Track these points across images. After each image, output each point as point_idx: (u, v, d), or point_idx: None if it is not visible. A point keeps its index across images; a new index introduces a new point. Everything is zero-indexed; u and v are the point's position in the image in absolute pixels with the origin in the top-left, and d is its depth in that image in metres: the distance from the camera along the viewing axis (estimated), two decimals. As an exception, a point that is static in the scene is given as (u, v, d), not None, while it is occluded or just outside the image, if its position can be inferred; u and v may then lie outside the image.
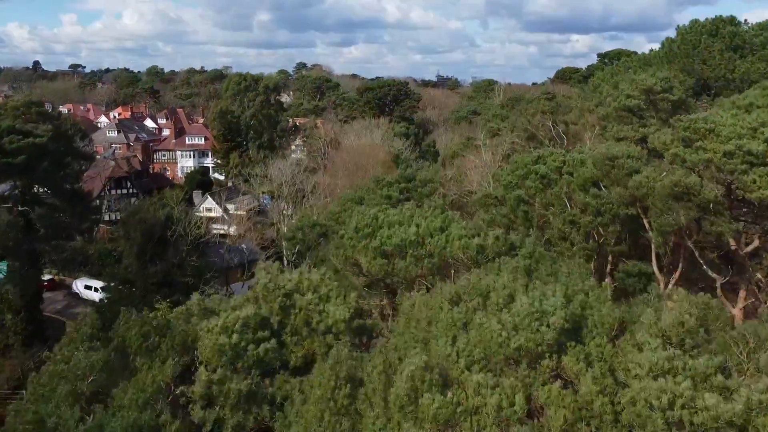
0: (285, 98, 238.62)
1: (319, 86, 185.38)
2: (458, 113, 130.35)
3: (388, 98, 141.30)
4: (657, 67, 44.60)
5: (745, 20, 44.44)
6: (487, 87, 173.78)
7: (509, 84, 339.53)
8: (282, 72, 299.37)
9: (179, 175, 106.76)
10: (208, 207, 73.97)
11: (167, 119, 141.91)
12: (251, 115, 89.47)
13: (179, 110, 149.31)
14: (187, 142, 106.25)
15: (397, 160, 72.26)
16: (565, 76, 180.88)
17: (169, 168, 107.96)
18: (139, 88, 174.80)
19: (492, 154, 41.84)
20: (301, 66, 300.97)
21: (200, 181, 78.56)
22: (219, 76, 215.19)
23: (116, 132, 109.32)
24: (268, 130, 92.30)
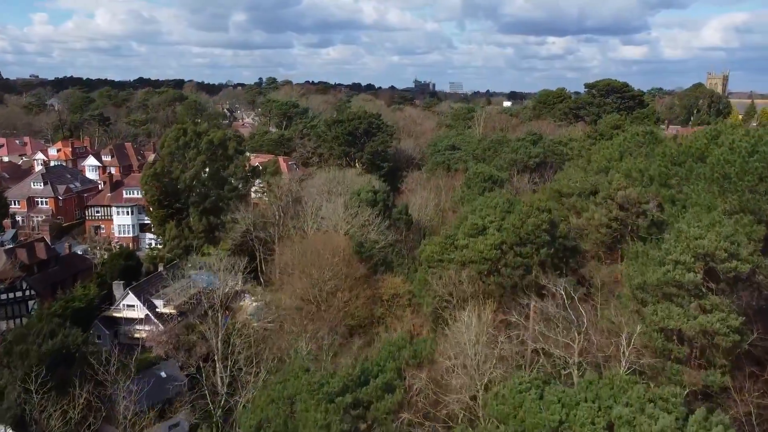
0: (252, 118, 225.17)
1: (285, 112, 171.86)
2: (435, 154, 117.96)
3: (359, 131, 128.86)
4: (699, 189, 32.63)
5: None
6: (466, 115, 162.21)
7: (489, 99, 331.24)
8: (250, 89, 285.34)
9: (116, 234, 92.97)
10: (129, 304, 60.56)
11: (113, 156, 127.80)
12: (192, 177, 76.12)
13: (127, 145, 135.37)
14: (124, 195, 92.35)
15: (360, 248, 59.74)
16: (548, 101, 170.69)
17: (104, 226, 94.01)
18: (88, 116, 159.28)
19: (478, 321, 29.45)
20: (271, 81, 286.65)
21: (123, 267, 64.79)
22: (179, 97, 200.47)
23: (42, 184, 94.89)
24: (214, 191, 79.07)
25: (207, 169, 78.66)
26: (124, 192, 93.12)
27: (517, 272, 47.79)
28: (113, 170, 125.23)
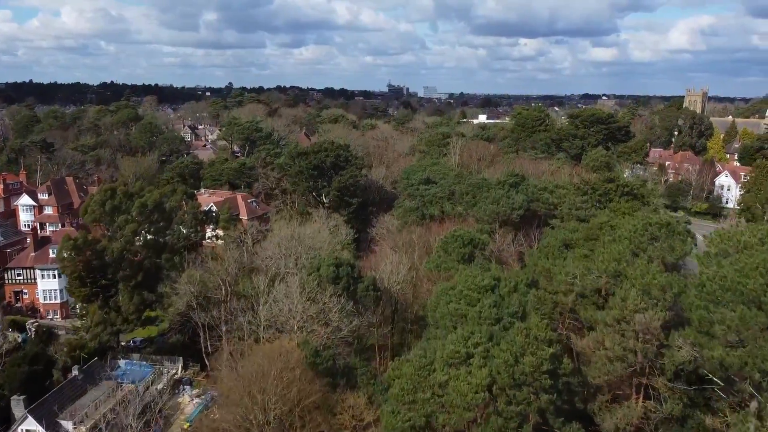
0: (216, 135, 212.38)
1: (248, 136, 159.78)
2: (409, 188, 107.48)
3: (326, 164, 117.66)
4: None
5: None
6: (441, 141, 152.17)
7: (463, 111, 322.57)
8: (215, 102, 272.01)
9: (41, 300, 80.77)
10: (29, 429, 48.89)
11: (50, 194, 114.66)
12: (121, 248, 64.55)
13: (69, 180, 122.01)
14: (50, 255, 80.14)
15: (315, 357, 49.00)
16: (526, 125, 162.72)
17: (27, 291, 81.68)
18: (29, 142, 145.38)
19: None
20: (238, 94, 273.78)
21: (28, 375, 52.73)
22: (134, 117, 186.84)
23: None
24: (149, 259, 67.66)
25: (141, 236, 67.20)
26: (50, 251, 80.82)
27: (510, 423, 37.74)
28: (51, 210, 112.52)
